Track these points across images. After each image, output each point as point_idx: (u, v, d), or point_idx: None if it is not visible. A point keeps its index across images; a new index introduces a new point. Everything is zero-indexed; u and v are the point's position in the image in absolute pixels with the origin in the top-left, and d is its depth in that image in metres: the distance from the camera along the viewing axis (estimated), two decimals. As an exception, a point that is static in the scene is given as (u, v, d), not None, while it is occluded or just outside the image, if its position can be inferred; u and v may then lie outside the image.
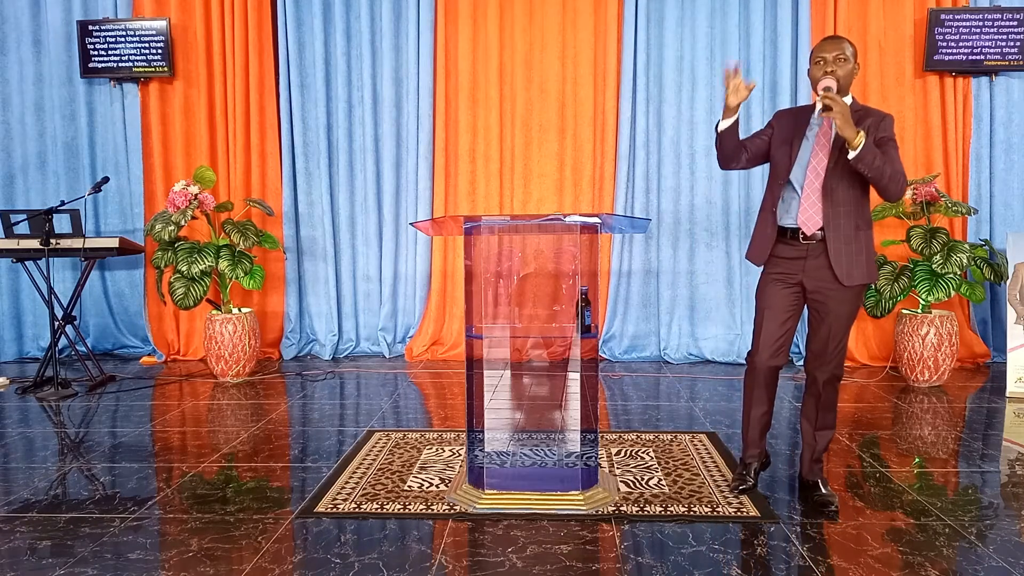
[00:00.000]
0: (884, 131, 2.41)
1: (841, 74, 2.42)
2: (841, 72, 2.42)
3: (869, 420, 3.69)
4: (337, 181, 5.33)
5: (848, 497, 2.65)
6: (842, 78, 2.43)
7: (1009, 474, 2.90)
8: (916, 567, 2.10)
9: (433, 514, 2.49)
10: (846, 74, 2.44)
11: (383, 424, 3.64)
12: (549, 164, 5.21)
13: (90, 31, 5.13)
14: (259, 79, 5.21)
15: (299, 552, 2.22)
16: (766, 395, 2.69)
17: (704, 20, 5.05)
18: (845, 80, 2.44)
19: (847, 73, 2.44)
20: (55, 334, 4.36)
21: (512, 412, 2.79)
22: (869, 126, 2.41)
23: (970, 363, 4.98)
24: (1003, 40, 4.86)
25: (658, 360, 5.22)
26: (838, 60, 2.43)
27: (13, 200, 5.32)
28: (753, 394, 2.68)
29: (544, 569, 2.10)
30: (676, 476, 2.85)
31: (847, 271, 2.45)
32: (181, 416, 3.82)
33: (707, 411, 3.85)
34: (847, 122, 2.30)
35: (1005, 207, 5.05)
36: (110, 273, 5.44)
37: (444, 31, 5.15)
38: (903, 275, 4.44)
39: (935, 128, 5.02)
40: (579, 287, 2.59)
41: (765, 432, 2.78)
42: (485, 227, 2.62)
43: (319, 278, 5.38)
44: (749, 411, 2.72)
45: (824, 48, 2.47)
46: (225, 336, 4.57)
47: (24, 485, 2.80)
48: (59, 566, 2.12)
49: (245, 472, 2.94)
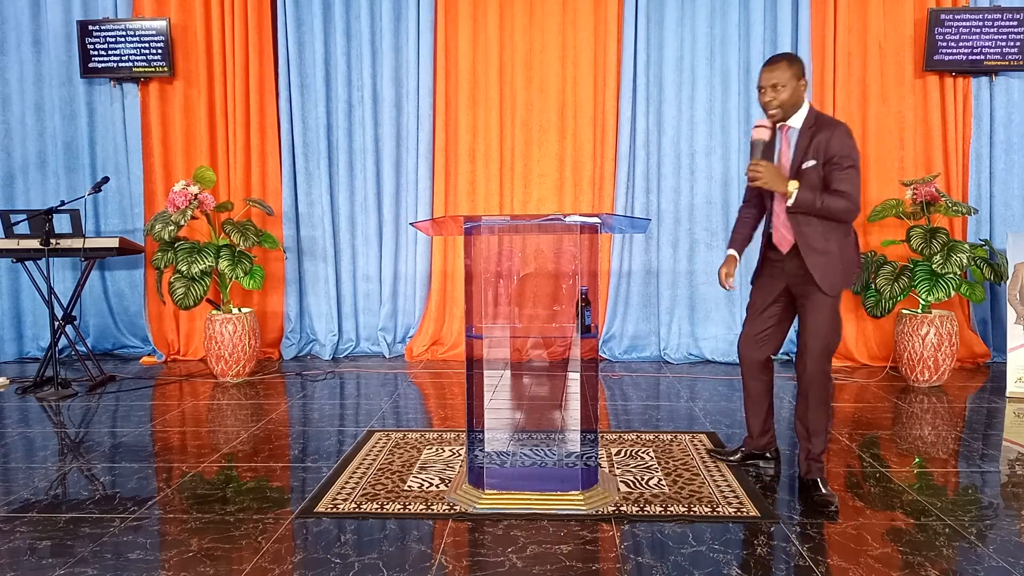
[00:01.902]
0: (835, 149, 2.49)
1: (782, 99, 2.56)
2: (782, 97, 2.56)
3: (869, 420, 3.69)
4: (337, 181, 5.33)
5: (848, 497, 2.65)
6: (784, 102, 2.56)
7: (1009, 474, 2.90)
8: (916, 567, 2.10)
9: (433, 514, 2.49)
10: (788, 96, 2.56)
11: (383, 424, 3.64)
12: (549, 164, 5.21)
13: (90, 31, 5.13)
14: (259, 79, 5.21)
15: (299, 552, 2.22)
16: (756, 386, 2.88)
17: (704, 20, 5.05)
18: (789, 101, 2.57)
19: (789, 95, 2.56)
20: (55, 334, 4.36)
21: (512, 412, 2.79)
22: (819, 144, 2.51)
23: (970, 363, 4.98)
24: (1003, 40, 4.86)
25: (658, 360, 5.22)
26: (776, 88, 2.56)
27: (13, 200, 5.32)
28: (744, 384, 2.92)
29: (544, 569, 2.10)
30: (676, 476, 2.85)
31: (823, 279, 2.55)
32: (181, 416, 3.82)
33: (707, 411, 3.85)
34: (775, 183, 2.53)
35: (1005, 207, 5.05)
36: (110, 273, 5.44)
37: (444, 31, 5.15)
38: (903, 275, 4.44)
39: (935, 128, 5.02)
40: (579, 287, 2.59)
41: (761, 423, 2.92)
42: (485, 227, 2.62)
43: (319, 278, 5.38)
44: (744, 400, 2.97)
45: (761, 77, 2.61)
46: (225, 336, 4.57)
47: (24, 485, 2.80)
48: (59, 566, 2.12)
49: (245, 472, 2.94)
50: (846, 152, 2.48)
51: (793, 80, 2.56)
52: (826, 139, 2.50)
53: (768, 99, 2.58)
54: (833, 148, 2.49)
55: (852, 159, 2.49)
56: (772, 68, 2.57)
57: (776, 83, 2.55)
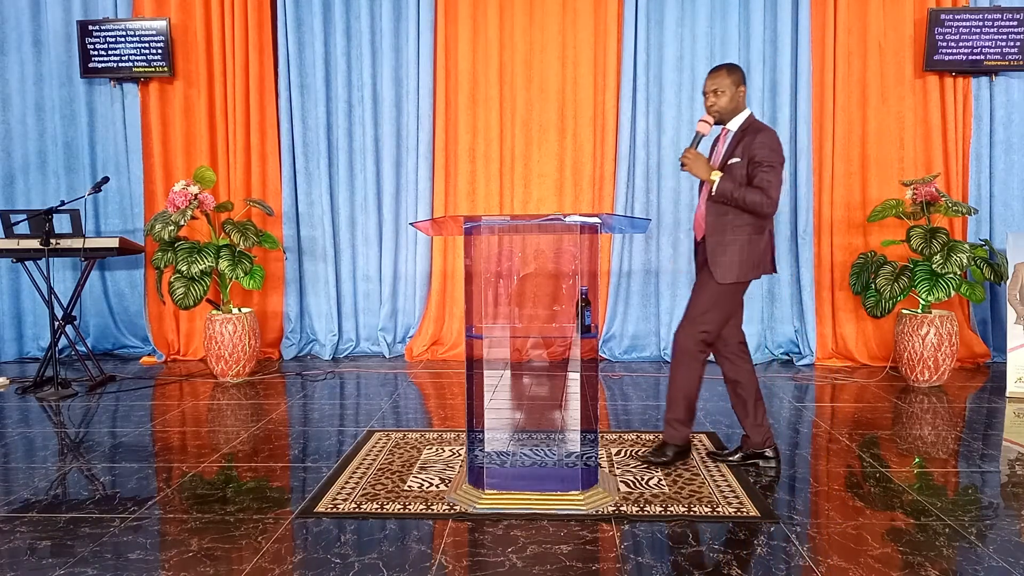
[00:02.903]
0: (758, 150, 2.73)
1: (722, 103, 2.84)
2: (721, 102, 2.84)
3: (869, 420, 3.69)
4: (337, 181, 5.33)
5: (848, 497, 2.65)
6: (723, 106, 2.84)
7: (1009, 474, 2.90)
8: (916, 567, 2.10)
9: (433, 514, 2.49)
10: (727, 101, 2.84)
11: (383, 424, 3.64)
12: (549, 164, 5.21)
13: (90, 31, 5.13)
14: (259, 79, 5.20)
15: (299, 552, 2.22)
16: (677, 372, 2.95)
17: (704, 20, 5.05)
18: (728, 106, 2.85)
19: (728, 100, 2.84)
20: (55, 334, 4.36)
21: (512, 412, 2.79)
22: (747, 145, 2.76)
23: (970, 363, 4.98)
24: (1003, 40, 4.86)
25: (658, 360, 5.22)
26: (716, 93, 2.84)
27: (13, 200, 5.32)
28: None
29: (544, 569, 2.10)
30: (676, 476, 2.85)
31: (715, 264, 2.80)
32: (181, 416, 3.82)
33: (707, 411, 3.85)
34: (700, 170, 2.81)
35: (1005, 207, 5.05)
36: (110, 273, 5.44)
37: (444, 31, 5.15)
38: (903, 275, 4.44)
39: (935, 128, 5.02)
40: (579, 287, 2.59)
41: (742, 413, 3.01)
42: (485, 227, 2.62)
43: (319, 278, 5.38)
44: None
45: (705, 83, 2.91)
46: (225, 336, 4.57)
47: (24, 485, 2.80)
48: (59, 566, 2.12)
49: (245, 472, 2.94)
50: (768, 154, 2.73)
51: (732, 87, 2.84)
52: (752, 141, 2.75)
53: (709, 103, 2.87)
54: (757, 149, 2.73)
55: (772, 161, 2.73)
56: (714, 76, 2.87)
57: (716, 89, 2.84)
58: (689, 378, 2.92)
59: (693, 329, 2.86)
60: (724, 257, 2.79)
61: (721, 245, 2.80)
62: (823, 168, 5.06)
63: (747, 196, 2.72)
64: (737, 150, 2.79)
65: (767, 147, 2.73)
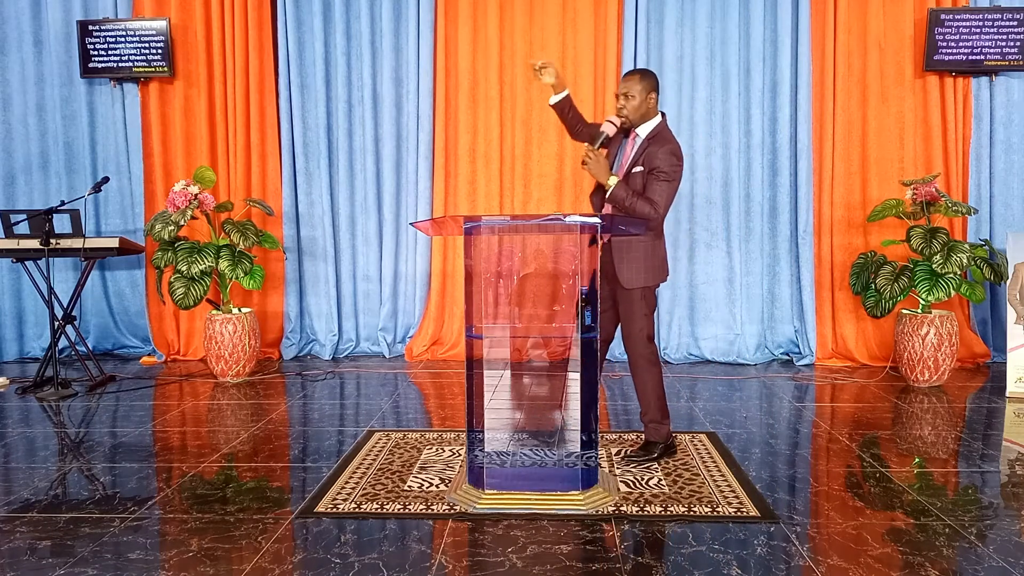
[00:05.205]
0: (657, 162, 2.80)
1: (631, 106, 2.88)
2: (631, 105, 2.88)
3: (869, 420, 3.69)
4: (337, 181, 5.33)
5: (848, 497, 2.65)
6: (631, 112, 2.88)
7: (1009, 474, 2.90)
8: (916, 567, 2.11)
9: (433, 514, 2.49)
10: (635, 107, 2.88)
11: (383, 424, 3.64)
12: (549, 164, 5.21)
13: (90, 31, 5.13)
14: (259, 79, 5.20)
15: (299, 552, 2.22)
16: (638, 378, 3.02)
17: (704, 20, 5.04)
18: (638, 111, 2.89)
19: (636, 106, 2.88)
20: (55, 334, 4.36)
21: (512, 412, 2.79)
22: (650, 155, 2.82)
23: (970, 363, 4.98)
24: (1003, 40, 4.86)
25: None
26: (626, 96, 2.89)
27: (14, 200, 5.32)
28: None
29: (544, 569, 2.10)
30: (676, 476, 2.86)
31: (621, 273, 2.87)
32: (181, 416, 3.82)
33: (707, 411, 3.86)
34: (599, 173, 2.83)
35: (1005, 207, 5.05)
36: (110, 273, 5.44)
37: (444, 31, 5.15)
38: (903, 275, 4.44)
39: (935, 128, 5.01)
40: (579, 287, 2.60)
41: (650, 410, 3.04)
42: (485, 227, 2.62)
43: (319, 278, 5.38)
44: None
45: (618, 86, 2.95)
46: (225, 336, 4.57)
47: (24, 485, 2.80)
48: (59, 566, 2.12)
49: (245, 472, 2.94)
50: (665, 167, 2.79)
51: (643, 92, 2.88)
52: (654, 152, 2.82)
53: (619, 105, 2.91)
54: (656, 161, 2.80)
55: (668, 174, 2.79)
56: (627, 80, 2.91)
57: (627, 92, 2.89)
58: (652, 379, 2.99)
59: (634, 335, 2.95)
60: (631, 264, 2.87)
61: (628, 251, 2.86)
62: (823, 168, 5.05)
63: (637, 205, 2.78)
64: (642, 158, 2.86)
65: (667, 161, 2.79)
